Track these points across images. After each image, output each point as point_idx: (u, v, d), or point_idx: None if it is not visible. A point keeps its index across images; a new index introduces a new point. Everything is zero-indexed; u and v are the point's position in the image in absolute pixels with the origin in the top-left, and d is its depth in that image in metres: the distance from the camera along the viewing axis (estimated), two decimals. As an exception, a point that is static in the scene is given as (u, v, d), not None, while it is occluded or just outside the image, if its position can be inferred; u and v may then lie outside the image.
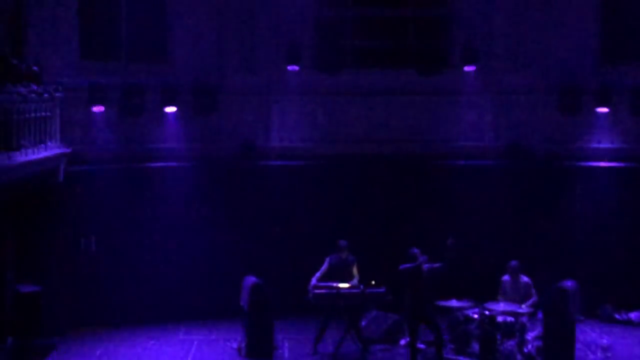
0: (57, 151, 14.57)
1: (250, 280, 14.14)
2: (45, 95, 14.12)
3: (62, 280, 15.30)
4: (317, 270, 14.14)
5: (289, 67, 16.55)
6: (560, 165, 16.63)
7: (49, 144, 14.27)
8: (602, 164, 16.54)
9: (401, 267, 13.40)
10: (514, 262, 14.41)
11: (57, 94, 14.56)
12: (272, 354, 14.01)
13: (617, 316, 16.14)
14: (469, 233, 15.75)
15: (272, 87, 16.75)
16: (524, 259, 14.67)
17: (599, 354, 14.23)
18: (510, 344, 13.61)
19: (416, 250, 13.54)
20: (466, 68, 16.66)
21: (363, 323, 14.61)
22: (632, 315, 16.10)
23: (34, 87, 13.96)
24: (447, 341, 13.92)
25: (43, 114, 14.13)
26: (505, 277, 14.50)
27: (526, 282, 14.41)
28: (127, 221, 15.82)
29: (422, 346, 13.95)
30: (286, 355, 14.32)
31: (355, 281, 14.14)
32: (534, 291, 14.32)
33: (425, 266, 13.46)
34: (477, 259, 15.86)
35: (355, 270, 14.27)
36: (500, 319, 13.71)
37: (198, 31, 16.50)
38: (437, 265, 13.47)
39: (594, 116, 16.49)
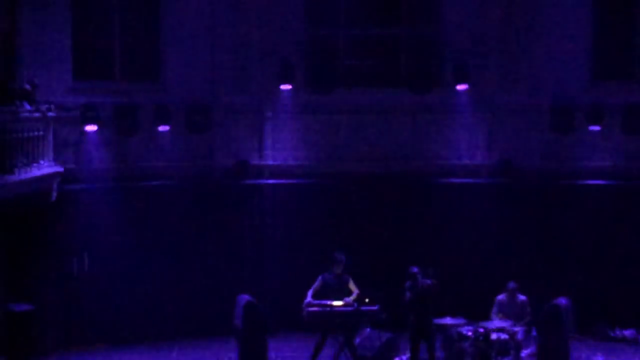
0: (49, 170, 14.56)
1: (244, 298, 14.08)
2: (38, 114, 14.14)
3: (54, 299, 15.27)
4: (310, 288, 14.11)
5: (282, 86, 16.55)
6: (553, 183, 16.62)
7: (41, 163, 14.27)
8: (594, 181, 16.55)
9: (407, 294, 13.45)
10: (512, 284, 14.41)
11: (50, 114, 14.57)
12: (266, 373, 13.95)
13: (611, 333, 16.11)
14: (462, 250, 15.77)
15: (265, 106, 16.75)
16: (517, 276, 14.66)
17: (593, 372, 14.27)
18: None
19: (415, 269, 13.53)
20: (458, 87, 16.64)
21: (357, 341, 14.55)
22: (627, 332, 16.07)
23: (27, 106, 13.99)
24: (441, 359, 13.87)
25: (36, 133, 14.14)
26: (501, 297, 14.49)
27: (523, 300, 14.42)
28: (120, 240, 15.76)
29: None
30: (280, 373, 14.32)
31: (354, 296, 14.05)
32: (529, 310, 14.33)
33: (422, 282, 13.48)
34: (470, 277, 15.86)
35: (352, 287, 14.17)
36: (494, 336, 13.69)
37: (191, 50, 16.51)
38: (428, 281, 13.49)
39: (586, 134, 16.50)
